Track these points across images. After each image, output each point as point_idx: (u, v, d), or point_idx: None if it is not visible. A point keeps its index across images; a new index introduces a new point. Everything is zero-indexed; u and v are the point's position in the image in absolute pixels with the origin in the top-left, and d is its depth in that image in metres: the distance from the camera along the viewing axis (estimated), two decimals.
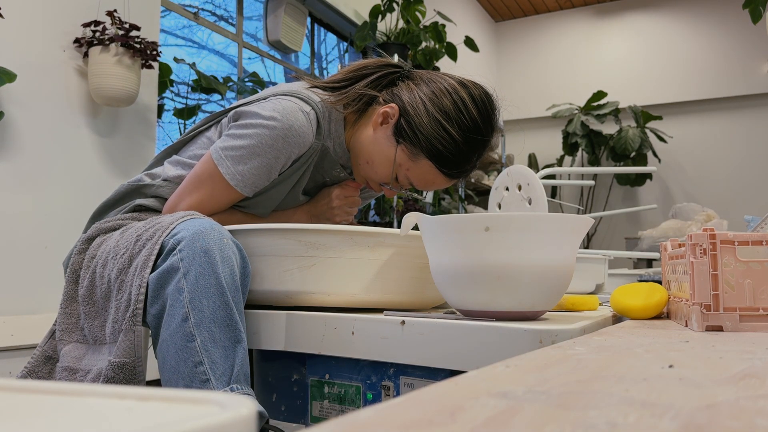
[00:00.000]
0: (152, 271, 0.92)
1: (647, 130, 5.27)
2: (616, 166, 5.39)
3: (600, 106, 5.36)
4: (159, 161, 1.23)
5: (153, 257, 0.92)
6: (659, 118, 5.30)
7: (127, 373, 0.90)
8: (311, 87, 1.16)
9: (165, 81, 2.56)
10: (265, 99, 1.10)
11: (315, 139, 1.10)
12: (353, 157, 1.19)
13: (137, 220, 1.10)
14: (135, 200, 1.15)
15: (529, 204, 1.22)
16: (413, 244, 0.96)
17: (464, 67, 5.11)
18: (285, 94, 1.10)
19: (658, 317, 0.98)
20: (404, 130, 1.10)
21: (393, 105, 1.11)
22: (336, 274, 0.93)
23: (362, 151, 1.15)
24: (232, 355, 0.88)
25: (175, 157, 1.20)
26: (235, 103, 1.16)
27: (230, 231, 0.97)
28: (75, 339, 1.01)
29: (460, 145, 1.09)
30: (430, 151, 1.09)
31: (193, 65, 2.71)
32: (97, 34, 2.15)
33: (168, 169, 1.18)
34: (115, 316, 0.95)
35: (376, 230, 0.94)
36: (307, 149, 1.10)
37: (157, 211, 1.15)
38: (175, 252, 0.89)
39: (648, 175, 5.29)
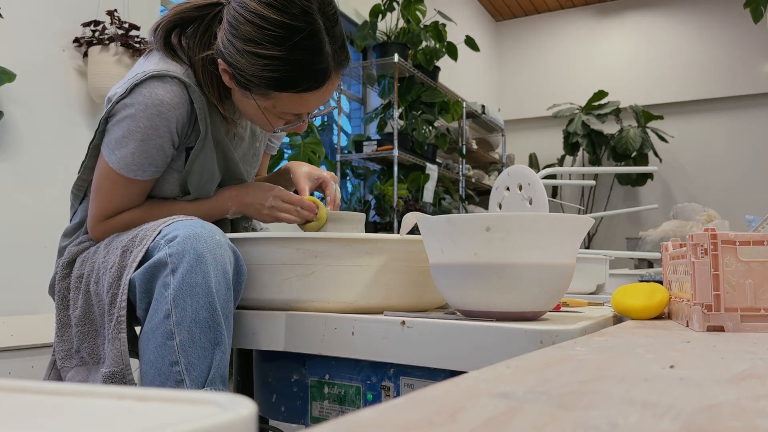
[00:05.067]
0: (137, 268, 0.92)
1: (648, 130, 5.27)
2: (617, 165, 5.39)
3: (601, 106, 5.36)
4: (83, 183, 1.15)
5: (136, 264, 0.92)
6: (660, 117, 5.30)
7: (117, 382, 0.91)
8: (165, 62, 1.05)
9: None
10: (128, 90, 1.01)
11: (194, 96, 1.03)
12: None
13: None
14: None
15: (530, 204, 1.22)
16: (412, 248, 0.96)
17: (465, 67, 5.11)
18: (146, 78, 1.01)
19: (659, 317, 0.98)
20: (238, 78, 1.00)
21: (220, 60, 1.01)
22: (335, 282, 0.93)
23: (241, 110, 1.09)
24: (210, 357, 0.88)
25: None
26: (107, 103, 1.06)
27: (230, 239, 0.97)
28: (75, 364, 1.01)
29: (290, 59, 0.96)
30: (270, 83, 0.99)
31: None
32: (97, 33, 2.15)
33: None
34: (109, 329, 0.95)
35: (374, 236, 0.94)
36: (190, 111, 1.03)
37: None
38: (164, 248, 0.89)
39: (649, 175, 5.28)
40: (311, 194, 1.18)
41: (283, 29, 0.95)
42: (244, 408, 0.27)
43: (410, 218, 0.93)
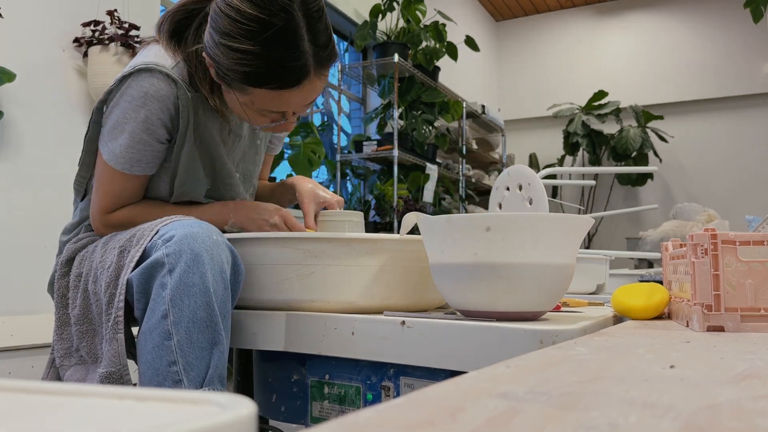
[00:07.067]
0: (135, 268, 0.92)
1: (648, 130, 5.27)
2: (617, 165, 5.39)
3: (601, 106, 5.36)
4: (83, 180, 1.16)
5: (133, 264, 0.92)
6: (660, 117, 5.30)
7: (114, 382, 0.91)
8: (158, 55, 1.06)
9: None
10: (117, 82, 1.04)
11: (179, 91, 1.03)
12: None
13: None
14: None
15: (530, 204, 1.22)
16: (412, 248, 0.96)
17: (465, 67, 5.11)
18: (134, 71, 1.02)
19: (659, 317, 0.98)
20: (218, 72, 1.00)
21: (204, 53, 1.01)
22: (335, 282, 0.93)
23: (229, 105, 1.08)
24: (208, 357, 0.88)
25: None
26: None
27: (229, 239, 0.97)
28: (74, 362, 1.01)
29: (262, 54, 0.95)
30: (244, 78, 0.97)
31: None
32: (97, 33, 2.15)
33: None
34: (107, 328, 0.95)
35: (374, 236, 0.94)
36: (177, 104, 1.04)
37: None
38: (161, 248, 0.89)
39: (649, 175, 5.28)
40: (315, 217, 1.17)
41: (256, 23, 0.93)
42: (244, 408, 0.27)
43: (410, 218, 0.93)
